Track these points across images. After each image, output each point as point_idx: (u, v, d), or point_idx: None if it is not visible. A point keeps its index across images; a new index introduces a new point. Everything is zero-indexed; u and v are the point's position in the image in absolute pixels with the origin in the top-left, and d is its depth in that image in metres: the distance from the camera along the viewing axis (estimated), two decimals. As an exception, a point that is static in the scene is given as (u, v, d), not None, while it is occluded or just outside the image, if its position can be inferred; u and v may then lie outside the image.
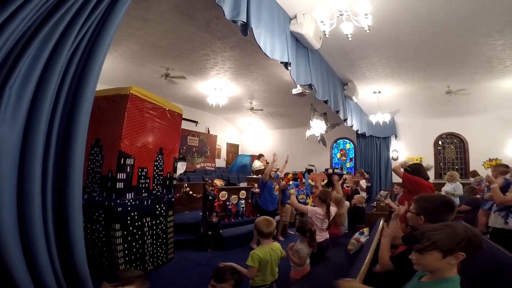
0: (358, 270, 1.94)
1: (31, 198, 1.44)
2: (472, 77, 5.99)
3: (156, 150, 3.73)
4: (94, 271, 2.88)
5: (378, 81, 6.43)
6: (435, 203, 1.73)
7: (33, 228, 1.45)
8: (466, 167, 8.79)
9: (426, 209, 1.70)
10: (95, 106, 1.81)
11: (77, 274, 1.64)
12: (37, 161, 1.46)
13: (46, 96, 1.47)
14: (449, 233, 1.16)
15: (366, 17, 2.92)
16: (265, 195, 4.68)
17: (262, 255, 2.21)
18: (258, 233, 2.35)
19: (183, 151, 9.61)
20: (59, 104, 1.56)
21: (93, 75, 1.65)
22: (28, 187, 1.43)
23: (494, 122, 8.25)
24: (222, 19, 3.89)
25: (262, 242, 2.36)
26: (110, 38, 1.71)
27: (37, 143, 1.46)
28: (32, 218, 1.45)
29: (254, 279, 2.25)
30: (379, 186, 9.50)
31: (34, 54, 1.41)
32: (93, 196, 3.21)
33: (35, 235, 1.46)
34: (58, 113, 1.56)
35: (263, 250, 2.26)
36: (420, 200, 1.79)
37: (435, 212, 1.68)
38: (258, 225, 2.35)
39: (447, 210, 1.69)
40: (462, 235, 1.14)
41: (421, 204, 1.75)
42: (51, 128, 1.54)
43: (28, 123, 1.43)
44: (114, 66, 6.00)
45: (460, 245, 1.13)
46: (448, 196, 3.41)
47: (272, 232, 2.37)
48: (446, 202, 1.74)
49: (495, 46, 4.49)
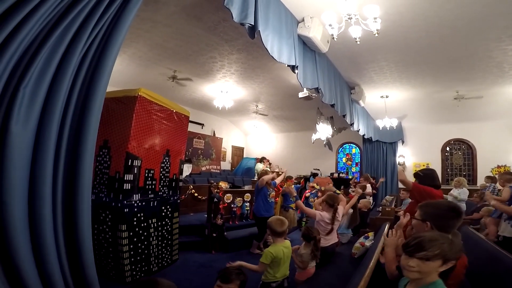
0: (362, 274, 1.93)
1: (42, 197, 1.45)
2: (482, 83, 5.89)
3: (163, 152, 3.74)
4: (100, 272, 2.88)
5: (386, 85, 6.37)
6: (442, 209, 1.71)
7: (43, 228, 1.46)
8: (473, 173, 8.65)
9: (432, 215, 1.67)
10: (104, 108, 1.82)
11: (84, 274, 1.65)
12: (49, 161, 1.47)
13: (59, 97, 1.49)
14: (450, 243, 1.21)
15: (375, 21, 2.90)
16: (259, 201, 4.49)
17: (275, 253, 2.30)
18: (271, 232, 2.46)
19: (189, 153, 9.66)
20: (71, 105, 1.58)
21: (104, 76, 1.67)
22: (39, 186, 1.44)
23: (503, 129, 8.11)
24: (230, 22, 3.93)
25: (275, 240, 2.46)
26: (121, 39, 1.73)
27: (49, 143, 1.47)
28: (42, 217, 1.46)
29: (266, 275, 2.34)
30: (385, 191, 9.37)
31: (47, 55, 1.43)
32: (101, 197, 3.23)
33: (45, 234, 1.47)
34: (70, 113, 1.58)
35: (276, 248, 2.34)
36: (426, 206, 1.76)
37: (442, 218, 1.65)
38: (271, 225, 2.45)
39: (455, 216, 1.67)
40: (459, 246, 1.23)
41: (427, 210, 1.72)
42: (63, 129, 1.55)
43: (40, 123, 1.45)
44: (123, 67, 6.07)
45: (456, 255, 1.21)
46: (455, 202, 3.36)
47: (285, 231, 2.48)
48: (454, 208, 1.72)
49: (507, 51, 4.41)
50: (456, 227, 1.70)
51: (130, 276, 3.13)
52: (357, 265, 2.99)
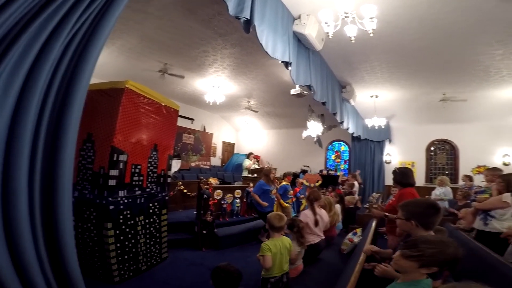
0: (352, 270, 1.97)
1: (17, 196, 1.36)
2: (469, 85, 6.05)
3: (150, 146, 3.63)
4: (86, 272, 2.79)
5: (376, 85, 6.44)
6: (423, 206, 1.79)
7: (19, 228, 1.37)
8: (456, 172, 8.96)
9: (415, 214, 1.75)
10: (88, 100, 1.74)
11: (68, 275, 1.58)
12: (24, 154, 1.38)
13: (36, 87, 1.40)
14: (439, 251, 1.23)
15: (372, 21, 2.88)
16: (262, 197, 4.72)
17: (272, 246, 2.34)
18: (270, 226, 2.51)
19: (178, 148, 9.49)
20: (50, 96, 1.49)
21: (88, 67, 1.59)
22: (13, 183, 1.35)
23: (485, 131, 8.42)
24: (224, 16, 3.83)
25: (272, 235, 2.50)
26: (108, 30, 1.65)
27: (25, 136, 1.38)
28: (18, 217, 1.37)
29: (265, 271, 2.36)
30: (372, 189, 9.61)
31: (27, 43, 1.34)
32: (84, 193, 3.10)
33: (21, 235, 1.38)
34: (49, 105, 1.49)
35: (273, 242, 2.39)
36: (408, 206, 1.84)
37: (424, 216, 1.73)
38: (270, 220, 2.52)
39: (434, 213, 1.75)
40: (450, 255, 1.22)
41: (410, 209, 1.80)
42: (41, 120, 1.46)
43: (15, 115, 1.35)
44: (111, 59, 5.85)
45: (439, 263, 1.21)
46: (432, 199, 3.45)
47: (283, 226, 2.54)
48: (432, 205, 1.82)
49: (494, 55, 4.53)
50: (437, 223, 1.79)
51: (118, 275, 3.03)
52: (346, 261, 3.05)
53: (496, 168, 3.94)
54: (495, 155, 8.39)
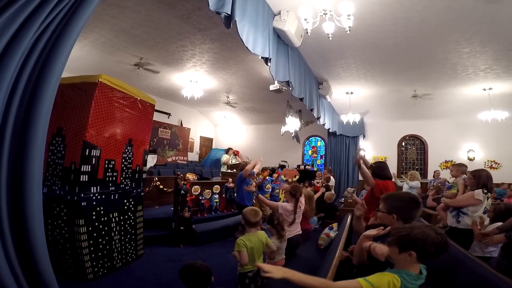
0: (329, 264, 1.99)
1: None
2: (437, 83, 6.37)
3: (125, 141, 3.51)
4: (58, 270, 2.69)
5: (352, 82, 6.64)
6: (405, 201, 1.81)
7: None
8: (425, 167, 9.47)
9: (397, 208, 1.77)
10: (59, 94, 1.67)
11: (40, 273, 1.52)
12: None
13: (2, 80, 1.32)
14: (407, 233, 1.28)
15: (349, 18, 2.97)
16: (242, 191, 4.63)
17: (247, 241, 2.35)
18: (246, 222, 2.49)
19: (154, 143, 9.24)
20: (18, 89, 1.42)
21: (59, 62, 1.53)
22: None
23: (452, 127, 8.94)
24: (204, 11, 3.77)
25: (248, 230, 2.49)
26: (82, 24, 1.60)
27: None
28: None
29: (242, 266, 2.35)
30: (347, 183, 9.93)
31: None
32: (54, 189, 2.95)
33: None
34: (17, 98, 1.42)
35: (248, 237, 2.40)
36: (389, 199, 1.86)
37: (406, 210, 1.76)
38: (245, 215, 2.49)
39: (416, 207, 1.79)
40: (418, 236, 1.25)
41: (391, 203, 1.81)
42: (7, 116, 1.39)
43: None
44: (83, 54, 5.58)
45: (412, 245, 1.24)
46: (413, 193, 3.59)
47: (259, 221, 2.52)
48: (413, 199, 1.84)
49: (462, 53, 4.76)
50: (417, 217, 1.83)
51: (92, 273, 2.95)
52: (324, 256, 3.12)
53: (461, 164, 4.03)
54: (461, 150, 8.90)
